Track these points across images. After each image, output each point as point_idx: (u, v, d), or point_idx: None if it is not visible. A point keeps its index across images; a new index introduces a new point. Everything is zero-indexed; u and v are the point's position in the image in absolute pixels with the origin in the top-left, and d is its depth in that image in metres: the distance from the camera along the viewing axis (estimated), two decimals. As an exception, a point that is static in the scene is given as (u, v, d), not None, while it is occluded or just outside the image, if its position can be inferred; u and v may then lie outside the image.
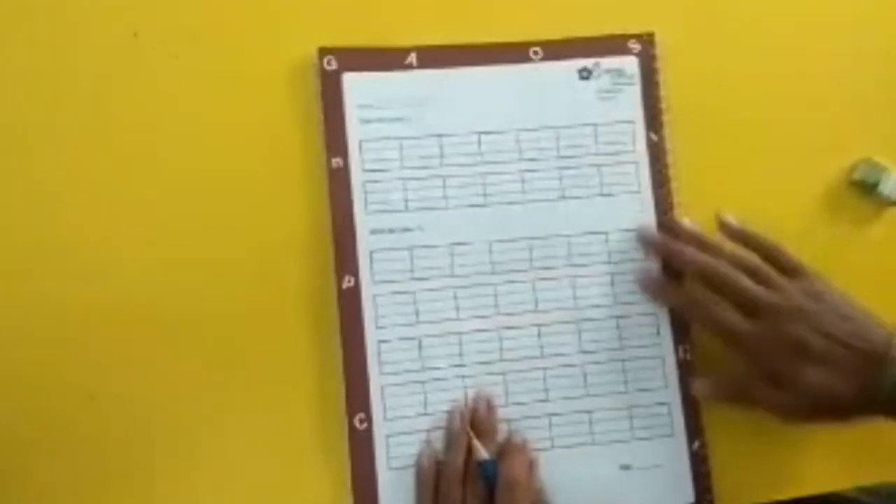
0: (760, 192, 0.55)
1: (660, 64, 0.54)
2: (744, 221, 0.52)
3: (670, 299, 0.52)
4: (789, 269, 0.50)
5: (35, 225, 0.49)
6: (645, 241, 0.52)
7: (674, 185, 0.54)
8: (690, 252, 0.51)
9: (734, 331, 0.48)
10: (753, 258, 0.50)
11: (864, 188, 0.55)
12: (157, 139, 0.51)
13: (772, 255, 0.50)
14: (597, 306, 0.52)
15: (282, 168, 0.51)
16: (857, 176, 0.55)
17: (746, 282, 0.49)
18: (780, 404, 0.48)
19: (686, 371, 0.52)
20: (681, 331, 0.53)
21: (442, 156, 0.52)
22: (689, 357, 0.53)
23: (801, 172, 0.55)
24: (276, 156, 0.51)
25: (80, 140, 0.50)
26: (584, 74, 0.54)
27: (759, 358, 0.48)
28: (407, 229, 0.51)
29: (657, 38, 0.55)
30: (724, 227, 0.52)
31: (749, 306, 0.48)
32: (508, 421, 0.51)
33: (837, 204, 0.55)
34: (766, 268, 0.49)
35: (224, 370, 0.50)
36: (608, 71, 0.54)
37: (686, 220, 0.53)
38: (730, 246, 0.51)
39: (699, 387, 0.51)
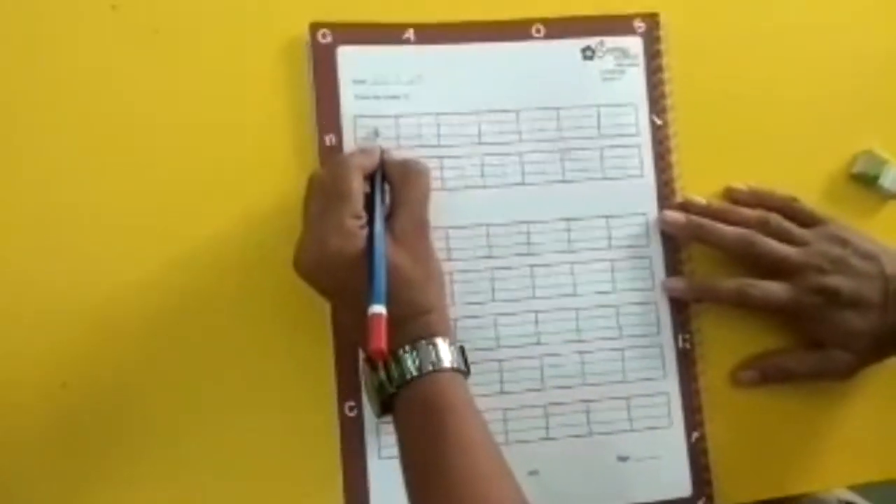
0: (763, 176, 0.53)
1: (664, 45, 0.53)
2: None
3: (720, 294, 0.50)
4: (809, 219, 0.50)
5: (4, 204, 0.47)
6: (671, 225, 0.51)
7: (676, 170, 0.52)
8: (721, 227, 0.50)
9: (778, 303, 0.49)
10: (773, 217, 0.50)
11: (865, 181, 0.54)
12: (137, 120, 0.48)
13: (788, 209, 0.51)
14: (595, 293, 0.51)
15: (272, 146, 0.49)
16: (857, 169, 0.54)
17: (774, 244, 0.49)
18: (829, 366, 0.50)
19: (686, 361, 0.51)
20: (681, 319, 0.51)
21: (439, 135, 0.50)
22: (688, 346, 0.51)
23: (803, 164, 0.54)
24: (265, 133, 0.49)
25: (54, 119, 0.47)
26: (588, 54, 0.52)
27: (801, 320, 0.50)
28: (401, 211, 0.49)
29: (662, 19, 0.53)
30: (734, 194, 0.52)
31: (780, 269, 0.49)
32: (504, 410, 0.49)
33: (838, 196, 0.54)
34: (786, 224, 0.50)
35: (207, 356, 0.48)
36: (612, 50, 0.52)
37: (698, 197, 0.52)
38: (750, 212, 0.51)
39: (744, 376, 0.51)
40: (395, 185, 0.46)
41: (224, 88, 0.49)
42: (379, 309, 0.40)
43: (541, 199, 0.51)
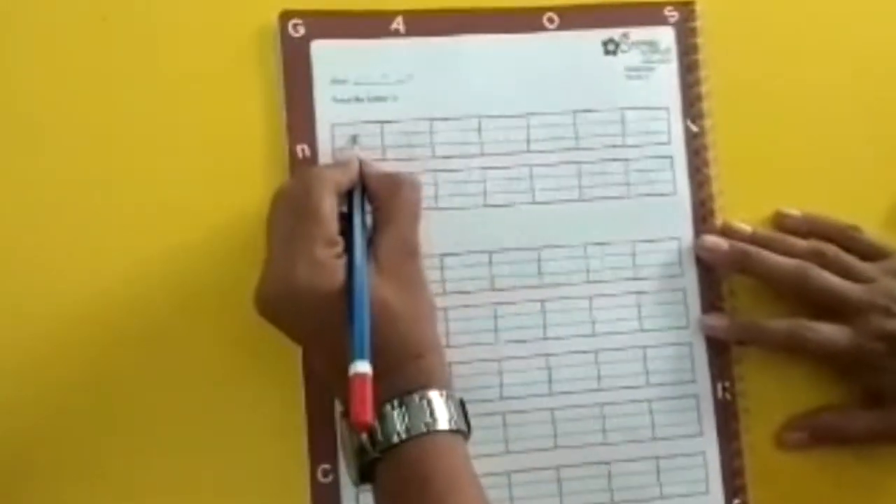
0: (817, 197, 0.46)
1: (701, 38, 0.45)
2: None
3: (768, 337, 0.43)
4: (872, 251, 0.44)
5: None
6: (711, 252, 0.43)
7: (715, 186, 0.44)
8: (772, 256, 0.43)
9: (835, 349, 0.42)
10: (830, 248, 0.43)
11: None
12: (79, 124, 0.41)
13: (848, 240, 0.44)
14: (619, 333, 0.43)
15: (236, 158, 0.42)
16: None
17: (833, 279, 0.42)
18: (891, 427, 0.43)
19: (726, 414, 0.43)
20: (720, 365, 0.44)
21: (433, 144, 0.43)
22: (729, 397, 0.43)
23: (865, 186, 0.46)
24: (228, 142, 0.42)
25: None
26: (610, 48, 0.44)
27: (861, 370, 0.43)
28: (387, 235, 0.41)
29: (699, 7, 0.45)
30: (786, 220, 0.45)
31: (838, 309, 0.42)
32: (509, 473, 0.41)
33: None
34: (846, 257, 0.43)
35: (151, 401, 0.40)
36: (639, 44, 0.45)
37: (741, 224, 0.45)
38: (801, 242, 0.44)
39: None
40: (378, 202, 0.39)
41: (179, 87, 0.42)
42: (363, 368, 0.33)
43: (554, 220, 0.43)
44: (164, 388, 0.40)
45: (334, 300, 0.35)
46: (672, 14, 0.45)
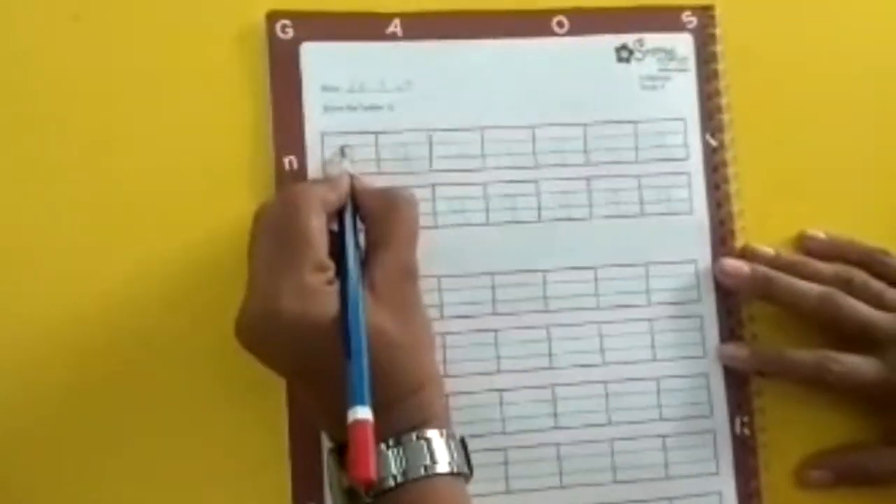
0: (844, 218, 0.43)
1: (721, 46, 0.42)
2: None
3: (793, 368, 0.40)
4: None
5: None
6: (732, 277, 0.40)
7: (735, 205, 0.41)
8: (798, 283, 0.40)
9: (863, 382, 0.39)
10: (858, 274, 0.41)
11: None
12: (48, 132, 0.38)
13: (877, 265, 0.41)
14: (630, 363, 0.40)
15: (217, 169, 0.39)
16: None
17: (861, 307, 0.39)
18: None
19: (744, 451, 0.40)
20: (739, 398, 0.41)
21: (431, 157, 0.40)
22: (747, 432, 0.40)
23: None
24: (208, 152, 0.39)
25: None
26: (624, 55, 0.41)
27: (888, 406, 0.40)
28: (381, 255, 0.38)
29: (718, 12, 0.42)
30: (810, 243, 0.42)
31: (865, 339, 0.40)
32: (508, 516, 0.38)
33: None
34: (875, 283, 0.41)
35: (122, 430, 0.37)
36: (654, 51, 0.42)
37: (763, 246, 0.42)
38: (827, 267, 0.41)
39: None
40: (372, 221, 0.36)
41: (157, 93, 0.39)
42: (363, 414, 0.30)
43: (561, 240, 0.40)
44: (138, 418, 0.37)
45: (325, 331, 0.32)
46: (690, 20, 0.42)
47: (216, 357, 0.37)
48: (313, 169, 0.39)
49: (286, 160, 0.39)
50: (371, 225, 0.36)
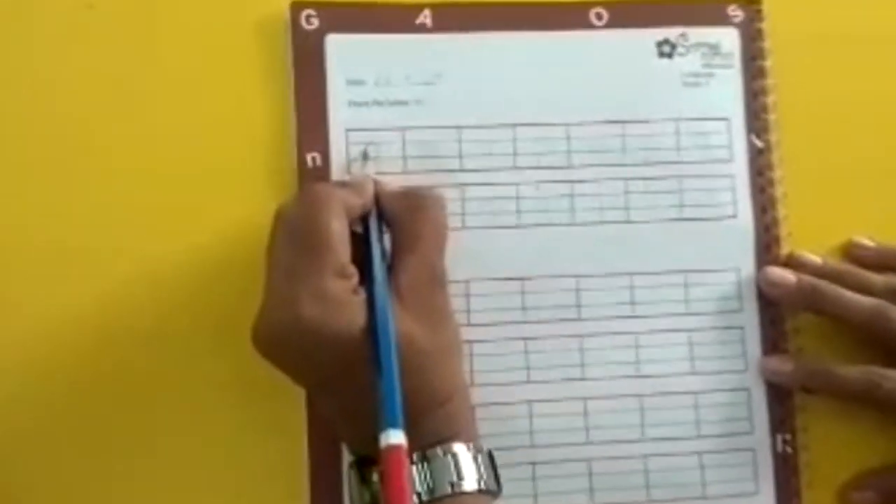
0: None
1: (769, 41, 0.40)
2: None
3: (840, 384, 0.38)
4: None
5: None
6: (777, 287, 0.38)
7: (781, 210, 0.39)
8: (848, 296, 0.37)
9: None
10: None
11: None
12: (62, 125, 0.37)
13: None
14: (667, 375, 0.38)
15: (237, 166, 0.37)
16: None
17: None
18: None
19: (786, 470, 0.38)
20: (782, 414, 0.38)
21: (461, 156, 0.38)
22: (790, 450, 0.38)
23: None
24: (228, 148, 0.37)
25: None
26: (666, 50, 0.39)
27: None
28: (406, 257, 0.37)
29: (766, 6, 0.40)
30: (859, 251, 0.40)
31: None
32: (534, 537, 0.37)
33: None
34: None
35: (140, 444, 0.36)
36: (698, 46, 0.39)
37: (809, 254, 0.39)
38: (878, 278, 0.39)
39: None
40: (397, 224, 0.34)
41: (174, 86, 0.37)
42: (397, 439, 0.28)
43: (596, 244, 0.38)
44: (151, 426, 0.36)
45: (349, 343, 0.30)
46: (736, 13, 0.40)
47: (233, 363, 0.35)
48: (337, 166, 0.37)
49: (309, 157, 0.37)
50: (396, 228, 0.34)
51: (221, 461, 0.36)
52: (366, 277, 0.32)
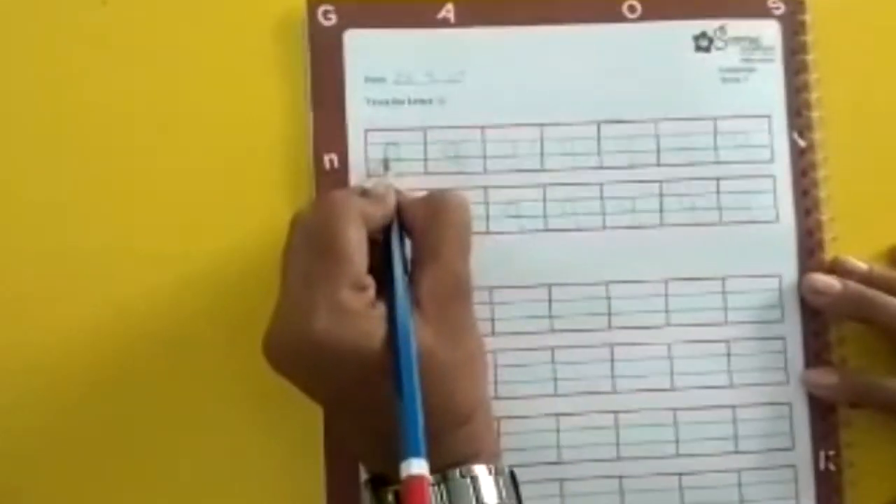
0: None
1: (812, 35, 0.38)
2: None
3: (886, 398, 0.36)
4: None
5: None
6: (822, 295, 0.36)
7: (825, 213, 0.37)
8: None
9: None
10: None
11: None
12: (73, 123, 0.35)
13: None
14: (703, 388, 0.36)
15: (252, 167, 0.36)
16: None
17: None
18: None
19: (829, 488, 0.36)
20: (824, 430, 0.36)
21: (485, 157, 0.36)
22: (833, 468, 0.36)
23: None
24: (243, 149, 0.36)
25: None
26: (703, 43, 0.37)
27: None
28: (428, 263, 0.35)
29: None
30: None
31: None
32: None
33: None
34: None
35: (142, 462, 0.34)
36: (737, 39, 0.37)
37: (856, 260, 0.37)
38: None
39: None
40: (418, 230, 0.32)
41: (188, 83, 0.36)
42: (419, 468, 0.27)
43: (628, 249, 0.36)
44: (160, 441, 0.35)
45: (365, 359, 0.29)
46: (777, 5, 0.37)
47: (248, 375, 0.34)
48: (355, 168, 0.35)
49: (326, 158, 0.35)
50: (417, 235, 0.32)
51: (234, 479, 0.34)
52: (385, 290, 0.30)
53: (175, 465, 0.34)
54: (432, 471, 0.29)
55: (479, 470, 0.30)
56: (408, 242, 0.32)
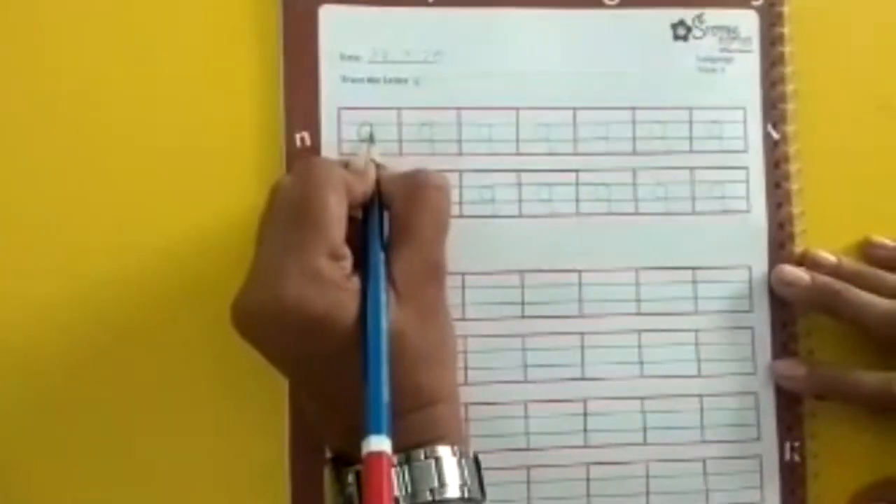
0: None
1: (789, 26, 0.38)
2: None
3: (854, 390, 0.36)
4: None
5: None
6: (791, 287, 0.36)
7: (797, 205, 0.37)
8: (865, 297, 0.35)
9: None
10: None
11: None
12: (44, 102, 0.34)
13: None
14: (672, 377, 0.36)
15: (222, 145, 0.35)
16: None
17: None
18: None
19: (793, 479, 0.36)
20: (790, 420, 0.37)
21: (460, 140, 0.36)
22: (797, 459, 0.37)
23: None
24: (212, 126, 0.35)
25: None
26: (681, 32, 0.37)
27: None
28: (399, 246, 0.34)
29: (787, -11, 0.38)
30: (876, 251, 0.38)
31: None
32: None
33: None
34: None
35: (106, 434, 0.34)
36: (715, 29, 0.37)
37: (825, 253, 0.37)
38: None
39: None
40: (395, 209, 0.32)
41: (157, 59, 0.35)
42: (379, 446, 0.26)
43: (601, 237, 0.36)
44: (129, 417, 0.34)
45: (335, 328, 0.28)
46: (756, -5, 0.38)
47: (216, 354, 0.33)
48: (328, 147, 0.35)
49: (298, 136, 0.35)
50: (394, 213, 0.32)
51: (200, 457, 0.34)
52: (361, 266, 0.30)
53: (142, 450, 0.34)
54: (396, 450, 0.28)
55: (443, 451, 0.29)
56: (386, 217, 0.32)
